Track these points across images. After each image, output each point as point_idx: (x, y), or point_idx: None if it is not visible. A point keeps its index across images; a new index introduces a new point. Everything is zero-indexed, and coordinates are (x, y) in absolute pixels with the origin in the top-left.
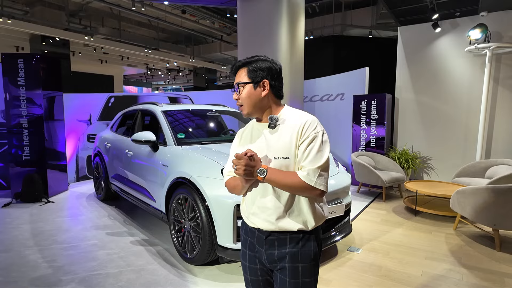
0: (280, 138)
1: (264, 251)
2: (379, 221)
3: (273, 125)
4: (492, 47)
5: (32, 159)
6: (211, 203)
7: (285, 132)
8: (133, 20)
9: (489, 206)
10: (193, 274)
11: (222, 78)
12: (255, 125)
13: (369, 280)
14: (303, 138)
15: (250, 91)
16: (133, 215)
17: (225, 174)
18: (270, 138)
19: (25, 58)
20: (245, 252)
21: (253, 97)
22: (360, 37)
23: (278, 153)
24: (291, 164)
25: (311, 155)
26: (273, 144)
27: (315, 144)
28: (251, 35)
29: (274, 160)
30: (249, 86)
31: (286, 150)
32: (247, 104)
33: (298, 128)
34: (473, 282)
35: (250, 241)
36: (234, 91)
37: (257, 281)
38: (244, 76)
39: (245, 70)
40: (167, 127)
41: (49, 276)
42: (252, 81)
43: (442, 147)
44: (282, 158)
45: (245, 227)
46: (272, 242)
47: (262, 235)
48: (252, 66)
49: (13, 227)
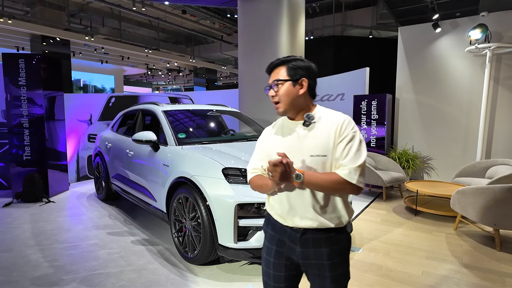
0: (316, 135)
1: (299, 248)
2: (380, 221)
3: (309, 123)
4: (492, 47)
5: (32, 159)
6: (212, 203)
7: (322, 130)
8: (134, 20)
9: (489, 206)
10: (194, 274)
11: (222, 78)
12: (286, 123)
13: (370, 279)
14: (342, 136)
15: (288, 88)
16: (133, 215)
17: (250, 171)
18: (305, 135)
19: (26, 58)
20: (272, 248)
21: (291, 95)
22: (360, 37)
23: (315, 151)
24: (328, 161)
25: (351, 154)
26: (309, 141)
27: (354, 143)
28: (252, 35)
29: (310, 158)
30: (287, 84)
31: (323, 147)
32: (284, 102)
33: (336, 127)
34: (474, 282)
35: (279, 238)
36: (270, 88)
37: (279, 276)
38: (283, 73)
39: (284, 68)
40: (168, 127)
41: (50, 275)
42: (291, 78)
43: (443, 147)
44: (320, 155)
45: (272, 224)
46: (307, 240)
47: (297, 233)
48: (292, 64)
49: (14, 227)
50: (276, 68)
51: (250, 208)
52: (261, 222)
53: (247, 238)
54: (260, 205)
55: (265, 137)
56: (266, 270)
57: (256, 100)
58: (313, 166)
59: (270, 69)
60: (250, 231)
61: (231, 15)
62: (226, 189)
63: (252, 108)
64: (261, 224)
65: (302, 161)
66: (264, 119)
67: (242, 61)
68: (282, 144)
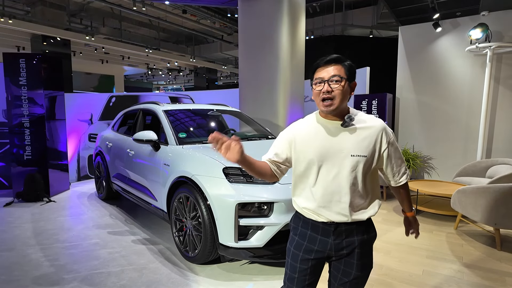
0: (357, 137)
1: (332, 240)
2: (380, 220)
3: (347, 124)
4: (493, 46)
5: (33, 159)
6: (212, 202)
7: (362, 132)
8: (134, 20)
9: (490, 205)
10: (194, 273)
11: (222, 78)
12: (321, 122)
13: (370, 278)
14: (387, 142)
15: (346, 87)
16: (134, 214)
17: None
18: (345, 136)
19: (26, 57)
20: (302, 244)
21: (345, 94)
22: (360, 37)
23: (356, 151)
24: (368, 162)
25: (401, 162)
26: (349, 142)
27: (397, 149)
28: (252, 35)
29: (351, 157)
30: (345, 82)
31: (364, 148)
32: (339, 99)
33: (378, 131)
34: (474, 281)
35: (310, 234)
36: (324, 82)
37: (305, 269)
38: (342, 71)
39: (341, 66)
40: (169, 127)
41: (51, 274)
42: (349, 78)
43: (443, 147)
44: (360, 156)
45: (303, 221)
46: (340, 232)
47: (330, 227)
48: (349, 65)
49: (15, 226)
50: (331, 64)
51: (251, 207)
52: (261, 222)
53: (248, 237)
54: (260, 204)
55: (293, 136)
56: (293, 263)
57: (256, 100)
58: (352, 165)
59: (326, 63)
60: (251, 230)
61: (231, 14)
62: (227, 188)
63: (253, 107)
64: (261, 224)
65: (342, 160)
66: (264, 119)
67: (242, 60)
68: (319, 144)
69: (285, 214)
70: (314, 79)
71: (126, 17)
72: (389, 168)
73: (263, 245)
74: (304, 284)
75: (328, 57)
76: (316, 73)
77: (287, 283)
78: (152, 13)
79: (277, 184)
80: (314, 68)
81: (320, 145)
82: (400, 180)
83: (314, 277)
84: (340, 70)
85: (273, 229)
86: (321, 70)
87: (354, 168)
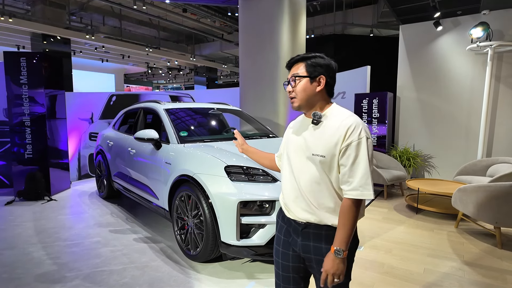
0: (321, 135)
1: (300, 241)
2: (381, 219)
3: (316, 121)
4: (493, 45)
5: (34, 158)
6: (214, 200)
7: (328, 131)
8: (134, 19)
9: (490, 204)
10: (196, 271)
11: (222, 77)
12: (303, 119)
13: (372, 277)
14: (346, 142)
15: (306, 84)
16: (135, 213)
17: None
18: (312, 134)
19: (27, 56)
20: (280, 238)
21: (308, 91)
22: (361, 36)
23: (316, 150)
24: (326, 163)
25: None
26: (314, 140)
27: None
28: (252, 34)
29: (311, 156)
30: (305, 80)
31: (324, 148)
32: (300, 97)
33: (342, 130)
34: (475, 279)
35: (286, 229)
36: (288, 83)
37: (287, 266)
38: (302, 69)
39: (303, 64)
40: (170, 125)
41: (53, 272)
42: (310, 75)
43: (444, 146)
44: (318, 155)
45: (282, 215)
46: (308, 234)
47: (299, 226)
48: (311, 61)
49: (16, 225)
50: (295, 64)
51: (253, 205)
52: (263, 220)
53: (250, 235)
54: (262, 202)
55: (287, 131)
56: (276, 259)
57: (257, 99)
58: (314, 164)
59: (290, 65)
60: (253, 229)
61: (231, 13)
62: (229, 186)
63: (253, 106)
64: (263, 222)
65: (306, 157)
66: (265, 118)
67: (243, 59)
68: (294, 140)
69: None
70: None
71: (126, 16)
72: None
73: (265, 243)
74: (289, 281)
75: (291, 59)
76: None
77: (276, 279)
78: (152, 11)
79: (278, 182)
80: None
81: (294, 141)
82: (345, 191)
83: (299, 275)
84: (298, 69)
85: (275, 227)
86: (289, 72)
87: (316, 167)
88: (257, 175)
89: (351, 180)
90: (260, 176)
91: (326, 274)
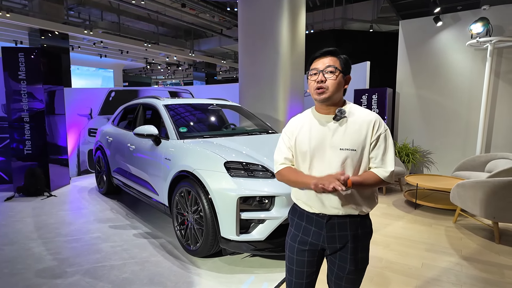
0: (347, 130)
1: (325, 233)
2: (380, 214)
3: (339, 117)
4: (493, 41)
5: (33, 153)
6: (214, 196)
7: (353, 126)
8: (133, 14)
9: (489, 199)
10: (196, 266)
11: (221, 72)
12: (315, 116)
13: (370, 271)
14: (376, 134)
15: (340, 79)
16: (135, 209)
17: (279, 162)
18: (336, 129)
19: (25, 51)
20: (297, 235)
21: (339, 85)
22: (361, 31)
23: (345, 145)
24: (357, 155)
25: (389, 156)
26: (339, 135)
27: (388, 144)
28: (252, 29)
29: (340, 151)
30: (340, 74)
31: (354, 142)
32: (332, 90)
33: (368, 124)
34: (473, 274)
35: (305, 226)
36: (319, 72)
37: (302, 261)
38: (337, 63)
39: (336, 58)
40: (169, 121)
41: (54, 268)
42: (344, 71)
43: (443, 141)
44: (349, 149)
45: (299, 213)
46: (333, 225)
47: (323, 219)
48: (345, 58)
49: (17, 221)
50: (328, 56)
51: (252, 201)
52: (262, 215)
53: (249, 230)
54: (262, 198)
55: (293, 128)
56: (290, 255)
57: (256, 94)
58: (341, 159)
59: (322, 54)
60: (252, 224)
61: (231, 8)
62: (228, 182)
63: (253, 102)
64: (263, 217)
65: (332, 153)
66: (264, 114)
67: (242, 55)
68: (312, 137)
69: (286, 207)
70: (310, 70)
71: (124, 11)
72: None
73: (265, 238)
74: (303, 276)
75: (324, 49)
76: (312, 65)
77: (287, 275)
78: (150, 6)
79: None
80: (311, 60)
81: (313, 138)
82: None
83: (313, 269)
84: (335, 62)
85: (275, 223)
86: (317, 61)
87: (343, 162)
88: (256, 171)
89: (384, 165)
90: (259, 172)
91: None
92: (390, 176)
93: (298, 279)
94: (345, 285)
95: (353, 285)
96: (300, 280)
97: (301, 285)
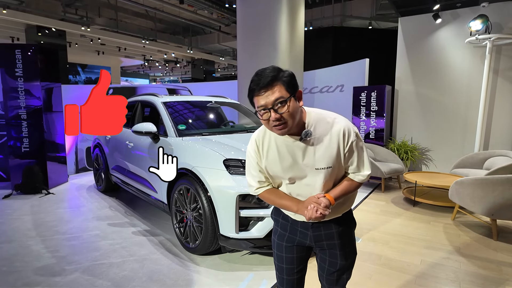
0: (318, 148)
1: (311, 233)
2: (378, 212)
3: (304, 139)
4: (492, 38)
5: (31, 151)
6: (213, 194)
7: (323, 142)
8: (130, 11)
9: (487, 196)
10: (195, 263)
11: (220, 69)
12: (279, 139)
13: (369, 268)
14: (347, 145)
15: (294, 105)
16: (134, 206)
17: (256, 186)
18: (305, 149)
19: (22, 48)
20: (284, 234)
21: (296, 110)
22: (359, 28)
23: (320, 164)
24: (334, 171)
25: (363, 160)
26: (311, 155)
27: (359, 148)
28: (251, 26)
29: (315, 171)
30: (292, 100)
31: (327, 160)
32: (292, 120)
33: (338, 137)
34: (471, 270)
35: (291, 226)
36: (269, 109)
37: (291, 258)
38: (283, 91)
39: (279, 84)
40: (168, 119)
41: (52, 265)
42: (293, 94)
43: (441, 139)
44: (325, 168)
45: (283, 214)
46: (318, 225)
47: (307, 223)
48: (286, 77)
49: (15, 218)
50: (268, 88)
51: (251, 198)
52: (261, 213)
53: (248, 228)
54: None
55: (258, 149)
56: (279, 254)
57: None
58: (320, 178)
59: (261, 88)
60: (251, 221)
61: (229, 5)
62: (228, 180)
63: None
64: (262, 215)
65: (309, 173)
66: None
67: (241, 52)
68: (282, 158)
69: None
70: (257, 107)
71: (122, 7)
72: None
73: (264, 236)
74: (292, 272)
75: (260, 81)
76: (255, 101)
77: (278, 274)
78: (148, 3)
79: None
80: (251, 96)
81: (283, 160)
82: (355, 178)
83: (302, 265)
84: (280, 90)
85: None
86: (259, 97)
87: (322, 179)
88: None
89: (360, 170)
90: None
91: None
92: (367, 178)
93: (289, 276)
94: (338, 278)
95: (346, 276)
96: (291, 277)
97: (292, 281)
